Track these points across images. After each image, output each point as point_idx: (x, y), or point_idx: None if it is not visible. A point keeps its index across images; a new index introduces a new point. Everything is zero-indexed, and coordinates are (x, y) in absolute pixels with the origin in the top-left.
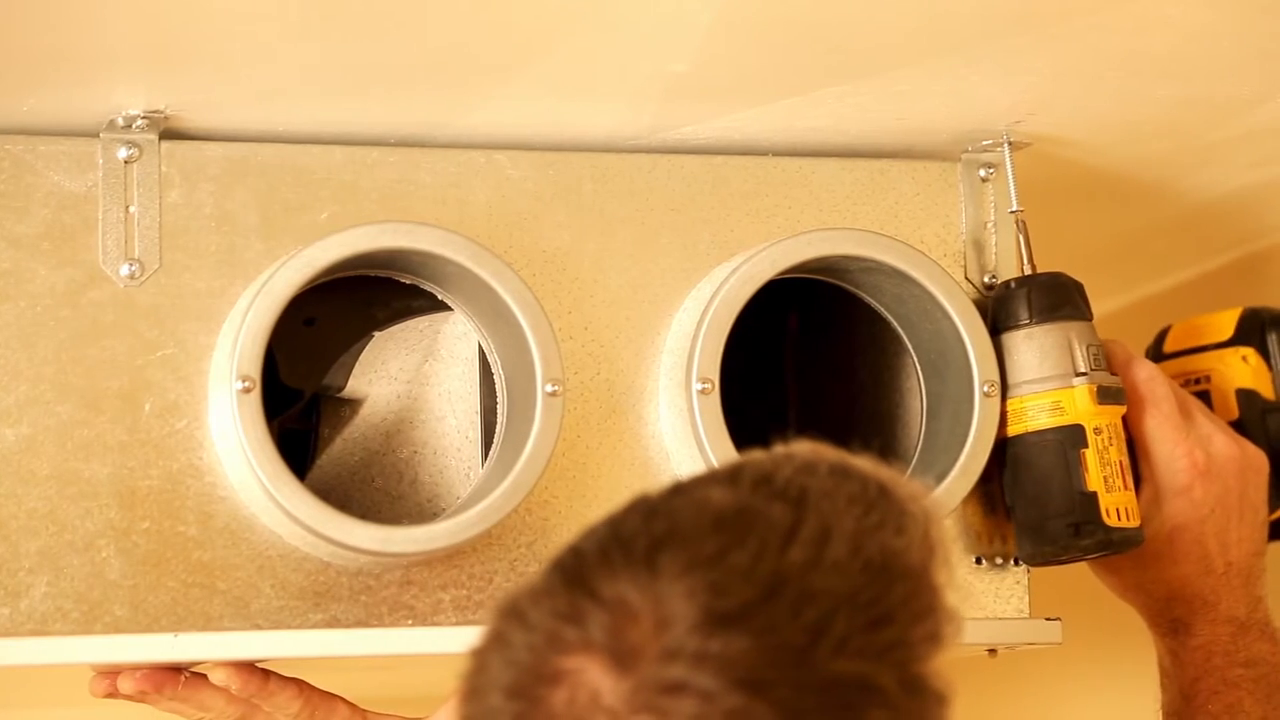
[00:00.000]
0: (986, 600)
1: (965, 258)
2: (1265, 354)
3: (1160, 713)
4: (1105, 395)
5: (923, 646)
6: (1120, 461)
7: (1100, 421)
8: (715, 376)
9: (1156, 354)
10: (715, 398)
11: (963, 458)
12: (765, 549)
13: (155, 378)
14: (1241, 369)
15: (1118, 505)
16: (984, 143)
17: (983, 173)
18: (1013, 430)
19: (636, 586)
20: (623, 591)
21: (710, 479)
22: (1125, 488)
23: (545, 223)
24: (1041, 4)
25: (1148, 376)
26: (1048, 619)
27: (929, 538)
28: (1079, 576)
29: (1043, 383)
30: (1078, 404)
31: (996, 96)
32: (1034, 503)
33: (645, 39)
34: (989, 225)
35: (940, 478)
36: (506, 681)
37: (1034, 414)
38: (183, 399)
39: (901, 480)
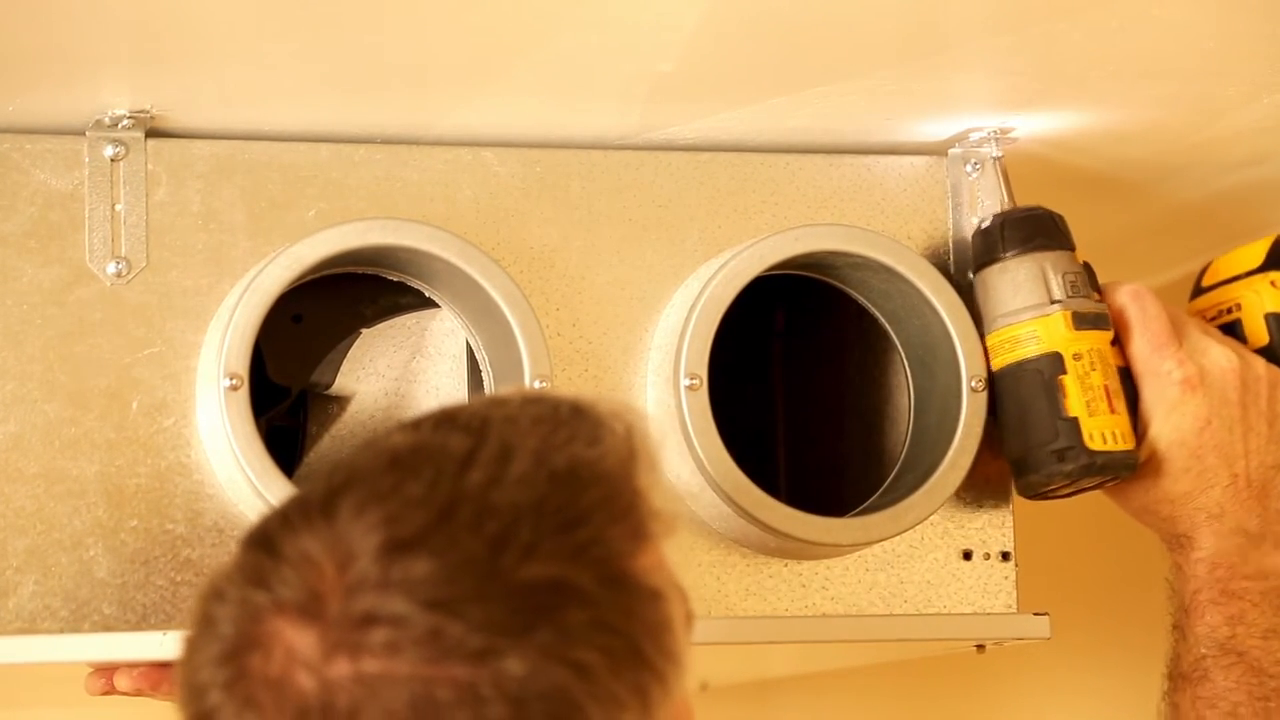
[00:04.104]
0: (974, 595)
1: (952, 253)
2: None
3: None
4: (1082, 320)
5: (624, 543)
6: (1105, 386)
7: (1080, 347)
8: (703, 372)
9: (1196, 289)
10: (703, 394)
11: (951, 452)
12: (441, 476)
13: (143, 375)
14: (1270, 294)
15: (1103, 429)
16: (971, 138)
17: (969, 168)
18: (995, 365)
19: (315, 536)
20: (304, 545)
21: (396, 428)
22: (1112, 411)
23: (532, 220)
24: (1026, 4)
25: (1132, 297)
26: (1035, 614)
27: (630, 446)
28: (1067, 570)
29: (1019, 314)
30: (1054, 331)
31: (982, 96)
32: (1018, 434)
33: (632, 39)
34: (976, 220)
35: (928, 473)
36: (213, 655)
37: (1012, 346)
38: (170, 397)
39: (604, 401)
